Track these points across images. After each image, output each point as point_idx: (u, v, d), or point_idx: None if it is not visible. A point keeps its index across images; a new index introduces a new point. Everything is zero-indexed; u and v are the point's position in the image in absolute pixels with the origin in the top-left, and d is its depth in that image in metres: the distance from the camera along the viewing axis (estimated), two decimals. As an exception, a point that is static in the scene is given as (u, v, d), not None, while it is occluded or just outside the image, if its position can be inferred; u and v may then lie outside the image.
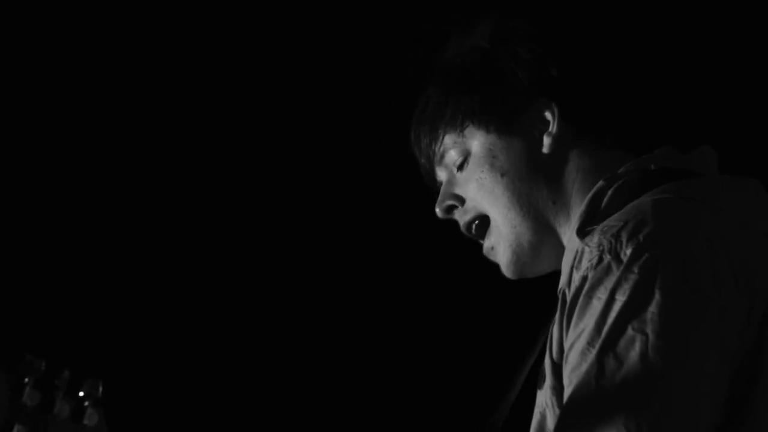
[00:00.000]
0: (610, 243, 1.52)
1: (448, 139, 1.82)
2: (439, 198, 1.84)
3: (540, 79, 1.76)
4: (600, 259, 1.51)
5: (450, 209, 1.84)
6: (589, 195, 1.67)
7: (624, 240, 1.51)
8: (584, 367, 1.47)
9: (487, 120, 1.78)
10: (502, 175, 1.77)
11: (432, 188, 1.87)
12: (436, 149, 1.84)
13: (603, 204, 1.64)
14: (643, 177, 1.65)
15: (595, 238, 1.54)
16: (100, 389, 1.69)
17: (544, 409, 1.64)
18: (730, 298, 1.49)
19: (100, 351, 2.87)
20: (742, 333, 1.49)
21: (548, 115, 1.76)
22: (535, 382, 1.72)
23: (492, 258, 1.82)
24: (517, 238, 1.77)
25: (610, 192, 1.65)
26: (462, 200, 1.82)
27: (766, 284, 1.52)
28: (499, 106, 1.77)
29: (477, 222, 1.81)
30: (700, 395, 1.44)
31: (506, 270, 1.80)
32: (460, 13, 1.84)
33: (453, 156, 1.82)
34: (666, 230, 1.51)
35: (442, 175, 1.85)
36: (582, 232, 1.61)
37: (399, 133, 1.91)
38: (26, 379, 1.64)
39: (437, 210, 1.84)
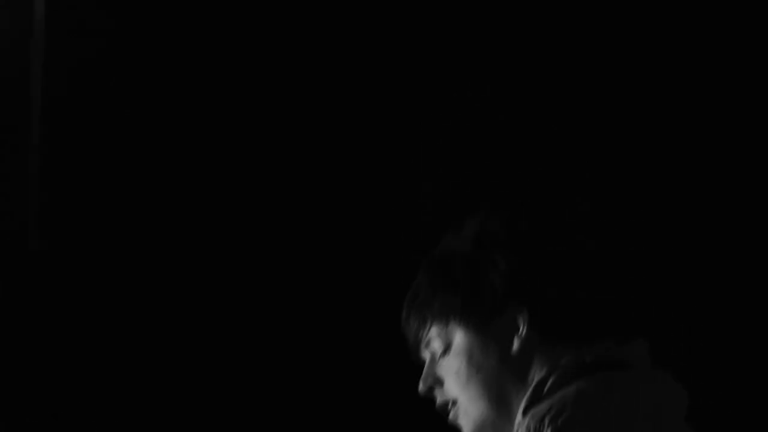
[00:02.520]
0: (536, 426, 1.84)
1: (434, 330, 2.07)
2: (423, 376, 2.10)
3: (514, 287, 2.00)
4: None
5: (431, 389, 2.09)
6: (534, 383, 1.94)
7: (546, 423, 1.83)
8: None
9: (467, 320, 2.03)
10: (477, 371, 2.02)
11: (415, 361, 2.12)
12: (423, 335, 2.09)
13: (544, 391, 1.92)
14: (577, 367, 1.93)
15: (525, 421, 1.86)
16: None
17: None
18: None
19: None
20: None
21: (519, 320, 2.00)
22: None
23: (454, 424, 2.09)
24: (483, 420, 2.03)
25: (550, 381, 1.92)
26: (441, 383, 2.08)
27: None
28: (477, 309, 2.02)
29: (452, 403, 2.07)
30: None
31: None
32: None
33: (436, 345, 2.07)
34: (581, 419, 1.83)
35: (425, 354, 2.11)
36: (524, 414, 1.91)
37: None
38: None
39: (420, 386, 2.10)
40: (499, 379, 2.00)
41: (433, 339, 2.08)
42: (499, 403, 2.00)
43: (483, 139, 3.20)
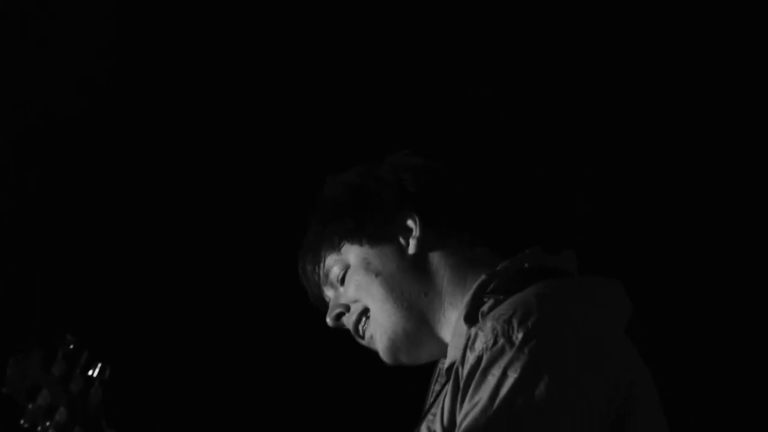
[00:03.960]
0: (503, 328, 1.81)
1: (329, 260, 2.09)
2: (329, 310, 2.12)
3: (400, 196, 2.05)
4: (495, 342, 1.81)
5: (339, 316, 2.11)
6: (474, 287, 1.96)
7: (515, 326, 1.81)
8: (477, 429, 1.77)
9: (359, 236, 2.06)
10: (376, 275, 2.04)
11: (324, 312, 2.13)
12: (320, 271, 2.12)
13: (486, 293, 1.94)
14: (519, 273, 1.95)
15: (488, 324, 1.83)
16: (107, 373, 1.93)
17: None
18: (598, 384, 1.81)
19: (113, 340, 2.88)
20: (609, 406, 1.82)
21: (410, 223, 2.04)
22: None
23: (372, 347, 2.10)
24: (393, 326, 2.05)
25: (492, 285, 1.94)
26: (348, 307, 2.10)
27: (626, 372, 1.85)
28: (368, 223, 2.05)
29: (363, 319, 2.09)
30: None
31: (384, 355, 2.08)
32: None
33: (335, 272, 2.09)
34: (548, 320, 1.81)
35: (329, 293, 2.13)
36: (469, 319, 1.92)
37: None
38: (59, 352, 1.92)
39: (328, 320, 2.13)
40: (401, 282, 2.02)
41: (331, 268, 2.09)
42: (405, 305, 2.03)
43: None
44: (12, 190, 3.08)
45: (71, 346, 1.92)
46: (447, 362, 1.97)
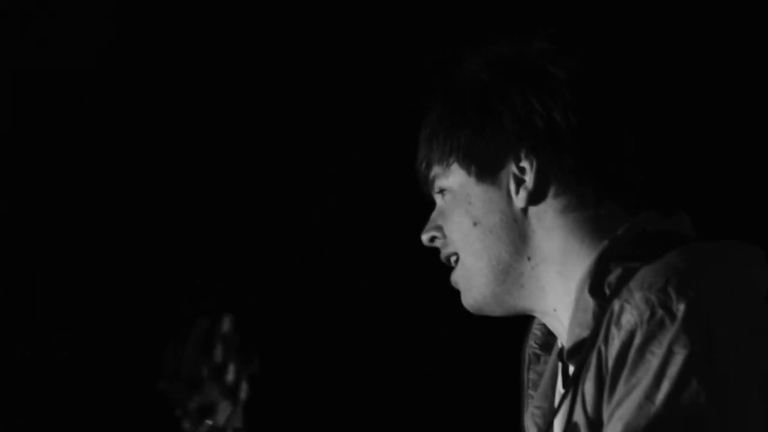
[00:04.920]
0: (660, 298, 1.58)
1: (437, 168, 1.81)
2: (426, 227, 1.84)
3: (524, 127, 1.75)
4: (652, 314, 1.57)
5: (432, 239, 1.83)
6: (597, 254, 1.69)
7: (674, 296, 1.57)
8: (642, 421, 1.53)
9: (468, 162, 1.77)
10: (475, 224, 1.77)
11: (426, 194, 1.88)
12: (427, 173, 1.82)
13: (611, 262, 1.68)
14: (644, 238, 1.70)
15: (637, 295, 1.59)
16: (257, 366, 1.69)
17: None
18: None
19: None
20: None
21: (526, 167, 1.75)
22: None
23: (455, 286, 1.83)
24: (482, 288, 1.78)
25: (617, 252, 1.69)
26: (443, 233, 1.82)
27: None
28: (480, 150, 1.76)
29: (453, 258, 1.81)
30: None
31: (466, 305, 1.81)
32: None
33: (439, 184, 1.82)
34: (710, 287, 1.59)
35: (434, 197, 1.85)
36: (595, 291, 1.66)
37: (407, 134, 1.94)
38: (216, 338, 1.68)
39: (422, 237, 1.84)
40: (503, 238, 1.75)
41: (437, 178, 1.82)
42: (502, 269, 1.76)
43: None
44: (11, 190, 3.08)
45: (228, 329, 1.68)
46: (569, 342, 1.69)
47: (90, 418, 3.07)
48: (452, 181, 1.79)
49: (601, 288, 1.66)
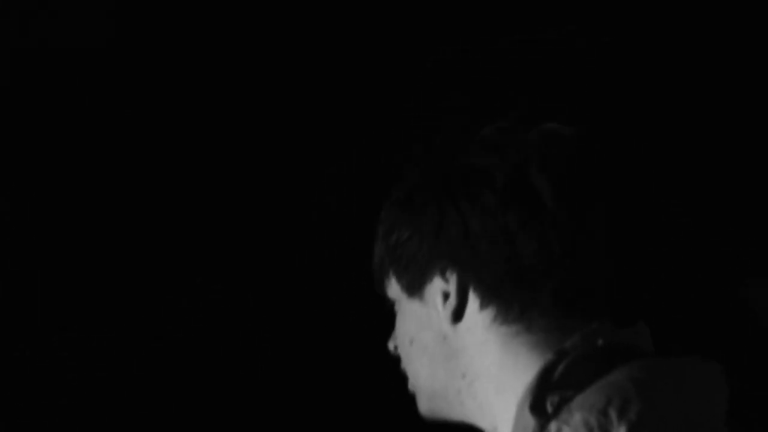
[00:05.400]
0: (599, 421, 1.45)
1: (384, 277, 1.69)
2: (392, 336, 1.73)
3: (442, 238, 1.58)
4: None
5: (395, 348, 1.74)
6: (540, 370, 1.53)
7: (614, 419, 1.46)
8: None
9: (399, 276, 1.64)
10: (411, 342, 1.66)
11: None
12: (379, 280, 1.71)
13: (555, 378, 1.53)
14: (595, 353, 1.55)
15: (576, 416, 1.47)
16: None
17: None
18: None
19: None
20: None
21: (450, 280, 1.59)
22: None
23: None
24: (427, 400, 1.67)
25: (561, 367, 1.53)
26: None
27: None
28: (405, 264, 1.63)
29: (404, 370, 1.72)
30: None
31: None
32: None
33: (388, 294, 1.70)
34: (652, 412, 1.47)
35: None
36: (537, 410, 1.52)
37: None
38: None
39: (389, 343, 1.75)
40: (435, 356, 1.63)
41: (386, 288, 1.70)
42: (439, 386, 1.64)
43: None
44: (11, 190, 3.08)
45: None
46: None
47: (90, 418, 3.07)
48: (393, 293, 1.68)
49: (542, 407, 1.52)
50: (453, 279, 1.59)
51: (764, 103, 3.25)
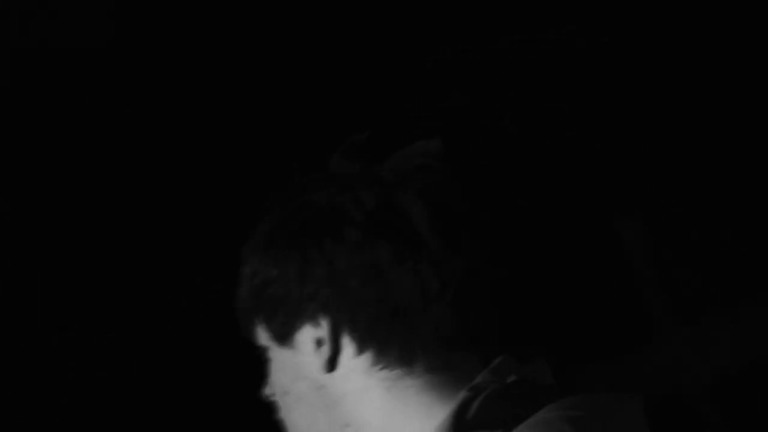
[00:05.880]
0: None
1: (250, 324, 1.53)
2: (266, 382, 1.57)
3: (311, 280, 1.44)
4: None
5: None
6: (455, 407, 1.39)
7: None
8: None
9: (266, 323, 1.48)
10: (285, 393, 1.49)
11: None
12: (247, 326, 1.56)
13: (470, 416, 1.39)
14: (507, 389, 1.42)
15: None
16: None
17: None
18: None
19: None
20: None
21: (322, 325, 1.43)
22: None
23: None
24: None
25: (476, 404, 1.39)
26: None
27: None
28: (271, 310, 1.48)
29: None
30: None
31: None
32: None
33: (259, 342, 1.54)
34: None
35: None
36: None
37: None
38: None
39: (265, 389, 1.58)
40: (313, 408, 1.47)
41: (256, 335, 1.53)
42: None
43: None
44: (11, 190, 3.08)
45: None
46: None
47: (90, 418, 3.07)
48: (263, 341, 1.50)
49: None
50: (325, 324, 1.42)
51: (764, 104, 3.25)
